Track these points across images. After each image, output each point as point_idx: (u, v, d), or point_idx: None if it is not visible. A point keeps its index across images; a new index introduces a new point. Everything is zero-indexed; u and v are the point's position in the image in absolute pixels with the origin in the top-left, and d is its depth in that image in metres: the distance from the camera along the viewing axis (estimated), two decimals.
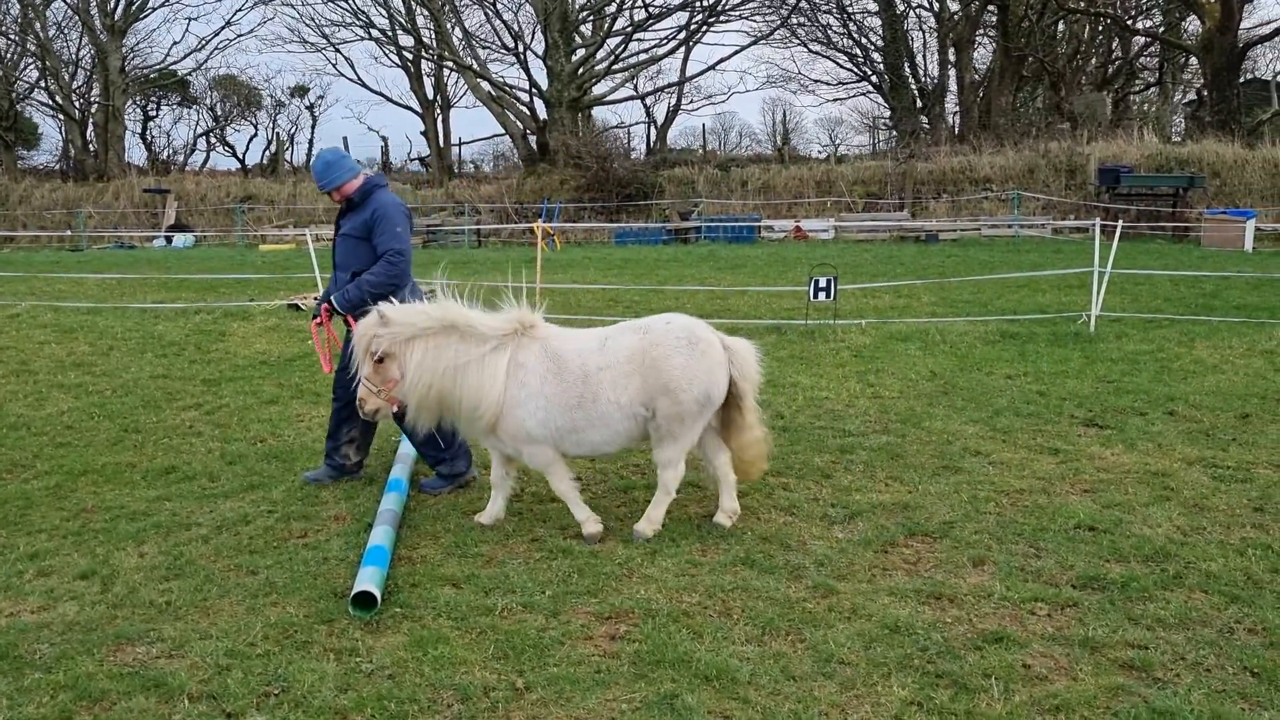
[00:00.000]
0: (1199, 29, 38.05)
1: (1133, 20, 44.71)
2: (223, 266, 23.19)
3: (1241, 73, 38.74)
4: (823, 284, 12.59)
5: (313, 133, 58.30)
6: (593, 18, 45.10)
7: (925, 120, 46.40)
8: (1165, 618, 4.73)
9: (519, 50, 46.55)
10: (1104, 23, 44.41)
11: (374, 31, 46.68)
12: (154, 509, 6.60)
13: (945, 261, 21.52)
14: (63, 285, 19.43)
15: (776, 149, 47.06)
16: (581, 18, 44.45)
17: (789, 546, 5.71)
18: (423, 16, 44.84)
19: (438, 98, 49.81)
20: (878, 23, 47.42)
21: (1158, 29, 44.64)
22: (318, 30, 48.06)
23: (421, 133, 49.67)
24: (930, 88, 48.29)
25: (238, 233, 35.46)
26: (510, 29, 46.68)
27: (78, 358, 11.88)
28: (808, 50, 49.92)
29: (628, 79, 47.03)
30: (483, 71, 44.17)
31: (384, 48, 48.59)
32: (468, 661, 4.45)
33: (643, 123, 55.55)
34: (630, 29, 44.86)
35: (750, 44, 47.33)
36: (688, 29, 45.03)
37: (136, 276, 20.57)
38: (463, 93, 50.34)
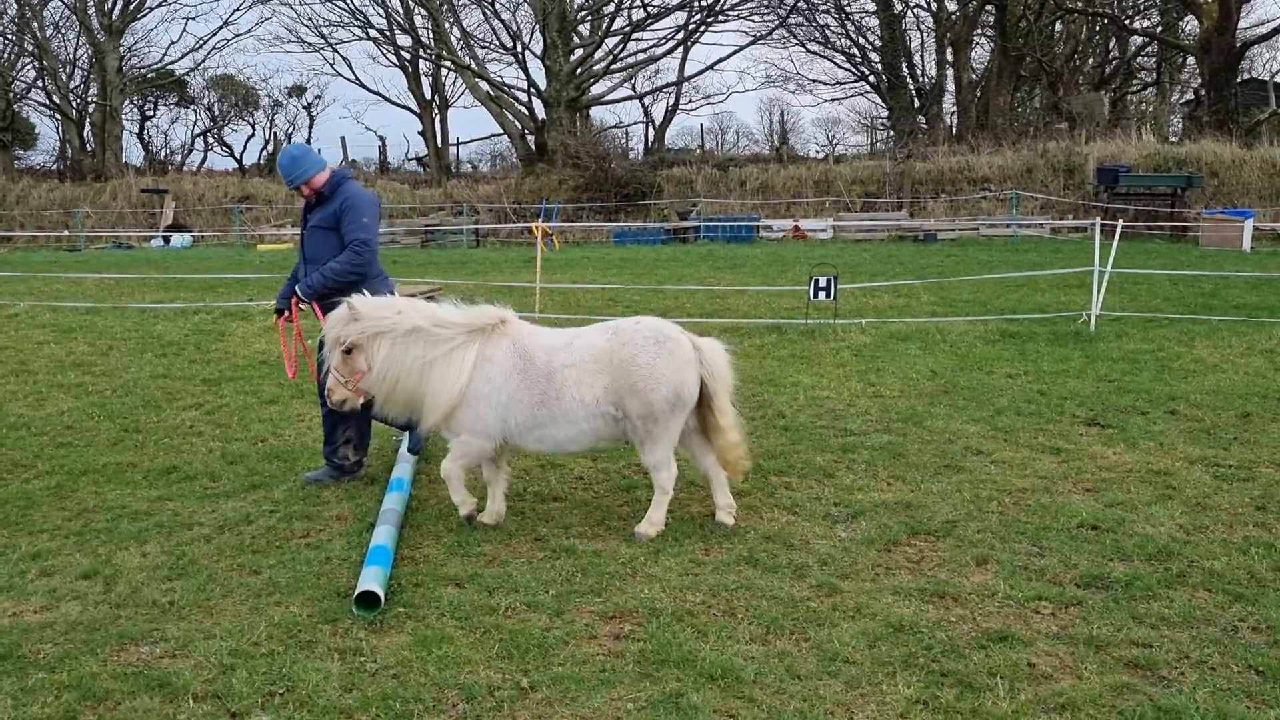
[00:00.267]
0: (1197, 29, 38.11)
1: (1130, 20, 44.76)
2: (221, 266, 23.17)
3: (1239, 73, 38.79)
4: (823, 283, 12.59)
5: (310, 132, 58.38)
6: (591, 17, 45.10)
7: (923, 120, 46.43)
8: (1169, 616, 4.74)
9: (517, 50, 46.60)
10: (1102, 22, 44.45)
11: (372, 31, 46.75)
12: (156, 509, 6.59)
13: (944, 261, 21.53)
14: (61, 285, 19.40)
15: (774, 149, 47.06)
16: (580, 17, 44.46)
17: (792, 546, 5.70)
18: (421, 16, 44.89)
19: (435, 97, 49.84)
20: (875, 22, 47.50)
21: (1155, 29, 44.71)
22: (315, 30, 47.97)
23: (419, 132, 49.77)
24: (928, 87, 48.31)
25: (235, 232, 35.44)
26: (508, 29, 46.74)
27: (77, 358, 11.86)
28: (805, 50, 50.03)
29: (626, 79, 47.09)
30: (481, 71, 44.18)
31: (382, 47, 48.66)
32: (472, 661, 4.45)
33: (641, 122, 55.72)
34: (628, 29, 44.89)
35: (748, 44, 47.37)
36: (686, 29, 45.09)
37: (135, 276, 20.55)
38: (461, 92, 50.45)
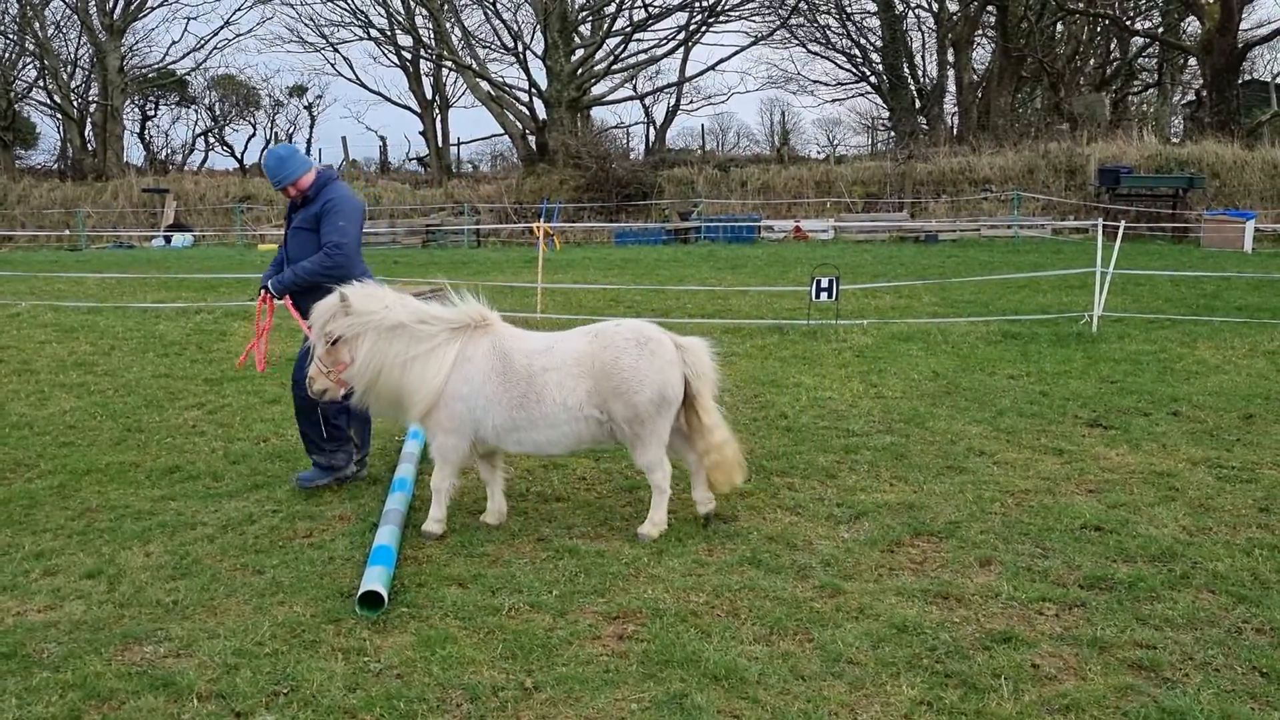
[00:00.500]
0: (1198, 30, 38.09)
1: (1132, 21, 44.75)
2: (222, 266, 23.16)
3: (1241, 74, 38.77)
4: (824, 284, 12.59)
5: (311, 132, 58.41)
6: (592, 18, 45.09)
7: (924, 121, 46.42)
8: (1173, 618, 4.74)
9: (518, 50, 46.56)
10: (1103, 23, 44.43)
11: (373, 31, 46.72)
12: (159, 508, 6.59)
13: (945, 262, 21.53)
14: (62, 285, 19.41)
15: (776, 150, 47.05)
16: (581, 18, 44.45)
17: (795, 546, 5.71)
18: (422, 16, 44.87)
19: (436, 97, 49.82)
20: (877, 23, 47.49)
21: (1157, 30, 44.69)
22: (316, 30, 47.95)
23: (420, 133, 49.72)
24: (929, 88, 48.31)
25: (237, 232, 35.44)
26: (509, 29, 46.71)
27: (79, 357, 11.86)
28: (806, 51, 50.04)
29: (627, 79, 47.06)
30: (482, 71, 44.17)
31: (383, 47, 48.64)
32: (476, 661, 4.45)
33: (642, 123, 55.60)
34: (629, 29, 44.86)
35: (749, 44, 47.37)
36: (687, 29, 45.06)
37: (136, 276, 20.55)
38: (462, 92, 50.45)
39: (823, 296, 12.64)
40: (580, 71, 43.24)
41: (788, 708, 4.06)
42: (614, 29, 44.77)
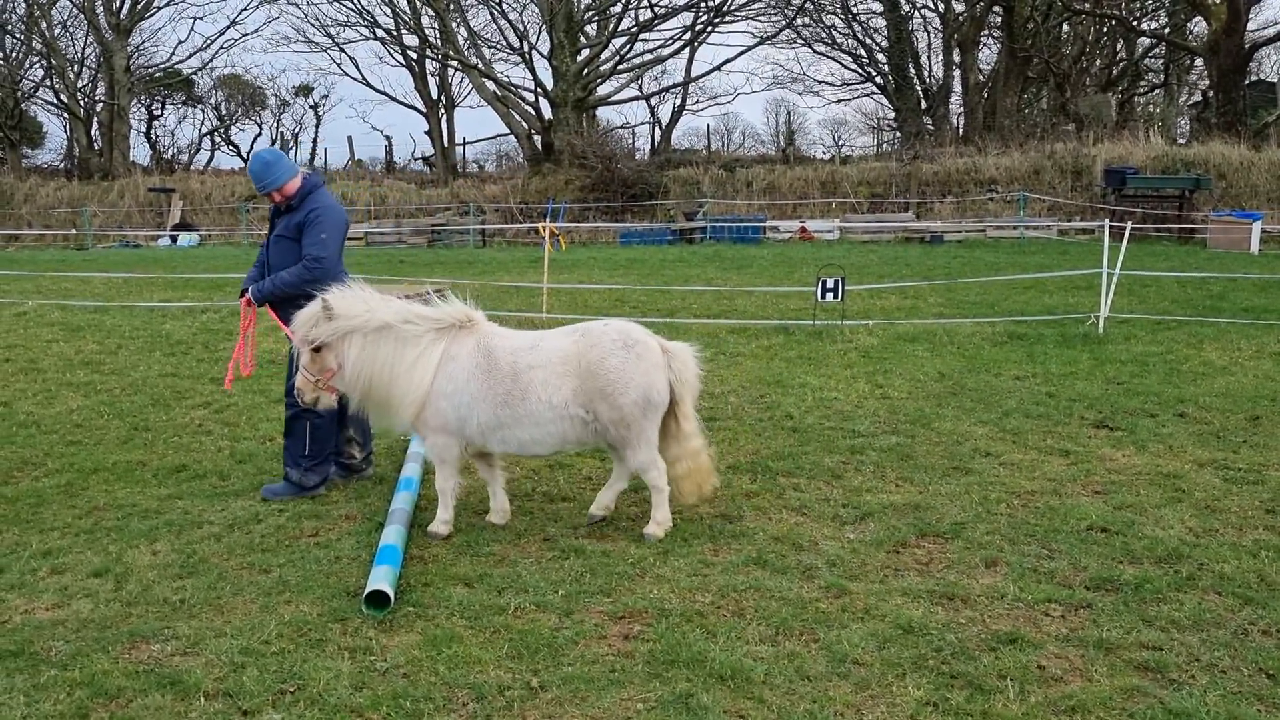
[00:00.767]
0: (1205, 30, 38.00)
1: (1138, 21, 44.66)
2: (228, 265, 23.19)
3: (1248, 74, 38.70)
4: (830, 285, 12.59)
5: (317, 132, 58.46)
6: (598, 18, 45.07)
7: (930, 121, 46.37)
8: (1179, 619, 4.73)
9: (524, 50, 46.53)
10: (1109, 24, 44.35)
11: (379, 31, 46.71)
12: (165, 507, 6.61)
13: (951, 263, 21.51)
14: (69, 284, 19.45)
15: (781, 150, 47.02)
16: (587, 18, 44.44)
17: (801, 547, 5.71)
18: (428, 16, 44.85)
19: (442, 97, 49.82)
20: (883, 23, 47.40)
21: (1163, 30, 44.57)
22: (323, 30, 47.96)
23: (426, 132, 49.70)
24: (935, 88, 48.26)
25: (242, 231, 35.48)
26: (515, 29, 46.68)
27: (86, 356, 11.89)
28: (812, 51, 49.91)
29: (633, 79, 47.00)
30: (488, 71, 44.18)
31: (389, 47, 48.62)
32: (482, 660, 4.46)
33: (647, 123, 55.66)
34: (635, 29, 44.84)
35: (755, 45, 47.43)
36: (693, 29, 45.02)
37: (142, 275, 20.59)
38: (467, 92, 50.40)
39: (828, 297, 12.64)
40: (586, 71, 43.24)
41: (793, 708, 4.06)
42: (620, 29, 44.77)
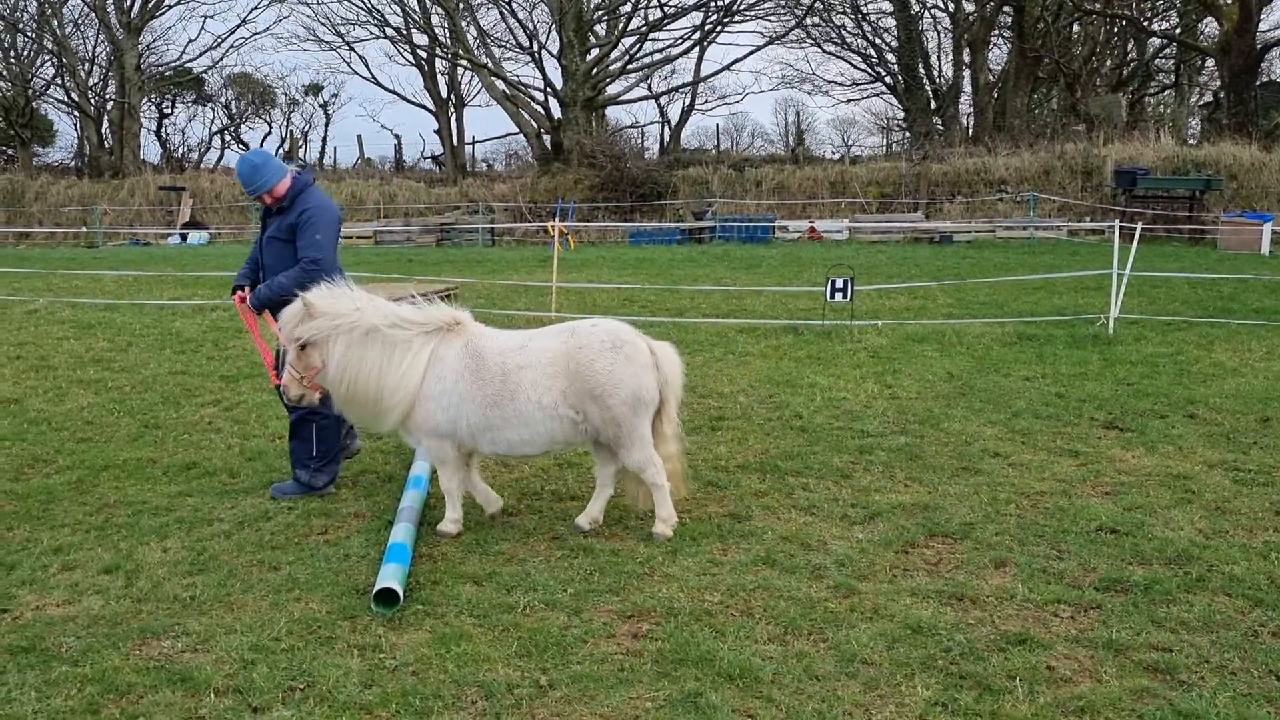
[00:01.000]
0: (1216, 31, 37.87)
1: (1149, 22, 44.51)
2: (237, 263, 23.09)
3: (1259, 75, 38.55)
4: (839, 285, 12.57)
5: (326, 130, 58.83)
6: (607, 17, 45.11)
7: (939, 121, 46.28)
8: (1189, 620, 4.72)
9: (534, 49, 46.63)
10: (1120, 24, 44.22)
11: (389, 30, 46.84)
12: (176, 504, 6.64)
13: (960, 263, 21.47)
14: (79, 282, 19.51)
15: (790, 150, 46.98)
16: (596, 17, 44.47)
17: (809, 546, 5.71)
18: (438, 15, 44.95)
19: (452, 96, 49.91)
20: (892, 23, 47.36)
21: (1175, 30, 44.45)
22: (332, 28, 48.11)
23: (435, 131, 49.78)
24: (945, 88, 48.15)
25: (252, 230, 35.57)
26: (525, 28, 46.78)
27: (96, 354, 11.93)
28: (822, 51, 49.91)
29: (642, 79, 47.03)
30: (497, 70, 44.24)
31: (398, 46, 48.75)
32: (491, 659, 4.47)
33: (656, 122, 55.63)
34: (645, 29, 44.87)
35: (765, 44, 47.25)
36: (702, 29, 45.04)
37: (153, 273, 20.65)
38: (477, 91, 50.54)
39: (838, 297, 12.63)
40: (595, 71, 43.26)
41: (802, 707, 4.06)
42: (629, 28, 44.83)
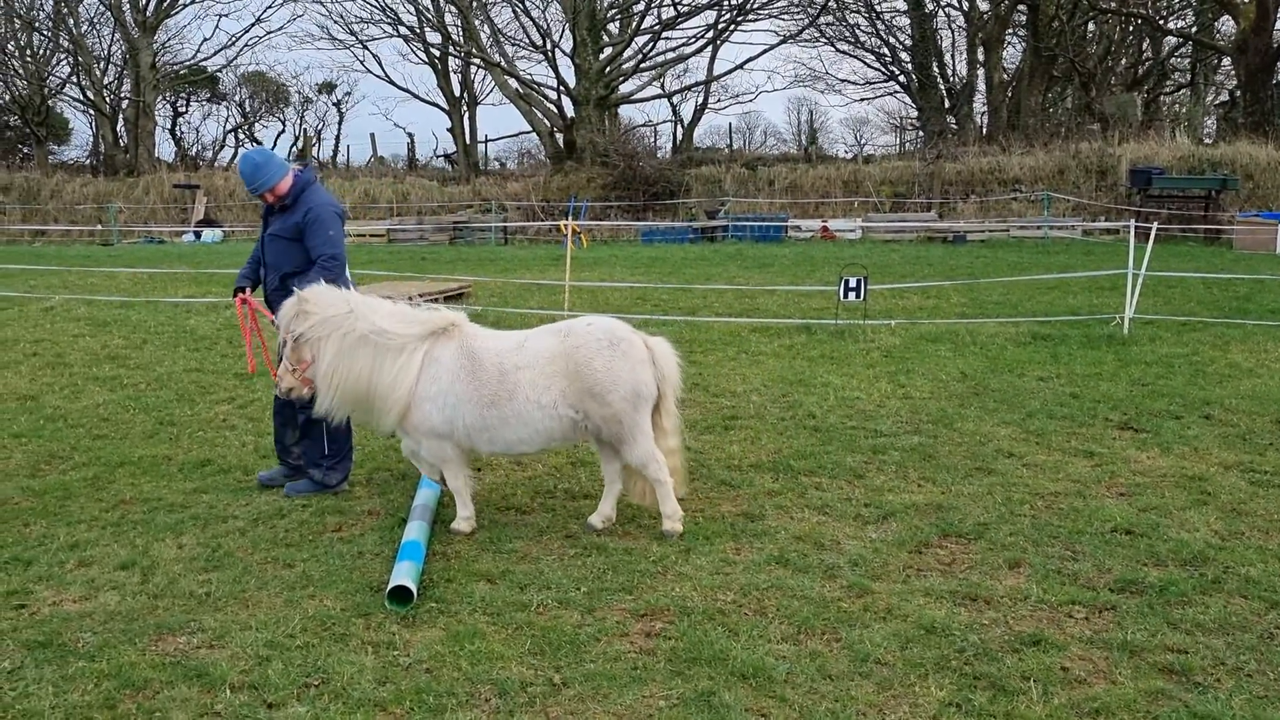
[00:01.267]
0: (1233, 29, 37.65)
1: (1165, 20, 44.29)
2: None
3: (1276, 74, 38.26)
4: (853, 284, 12.55)
5: (339, 129, 58.88)
6: (621, 16, 45.09)
7: (953, 120, 46.13)
8: (1205, 622, 4.70)
9: (547, 48, 46.62)
10: (1136, 23, 44.01)
11: (402, 28, 46.88)
12: (191, 501, 6.67)
13: (974, 262, 21.40)
14: (95, 279, 19.60)
15: (803, 149, 46.90)
16: (609, 16, 44.46)
17: (823, 546, 5.70)
18: (451, 13, 45.00)
19: (465, 94, 49.93)
20: (906, 22, 47.23)
21: (1190, 29, 44.22)
22: (346, 27, 48.20)
23: (448, 129, 49.81)
24: (959, 87, 47.99)
25: None
26: (538, 26, 46.75)
27: (112, 351, 11.99)
28: (835, 49, 49.75)
29: (655, 77, 47.00)
30: (510, 69, 44.28)
31: (412, 44, 48.78)
32: (504, 657, 4.48)
33: (669, 121, 55.56)
34: (658, 27, 44.81)
35: (778, 43, 47.24)
36: (715, 28, 44.98)
37: (167, 271, 20.73)
38: (490, 90, 50.52)
39: (851, 296, 12.60)
40: (608, 69, 43.26)
41: (815, 707, 4.06)
42: (642, 27, 44.76)
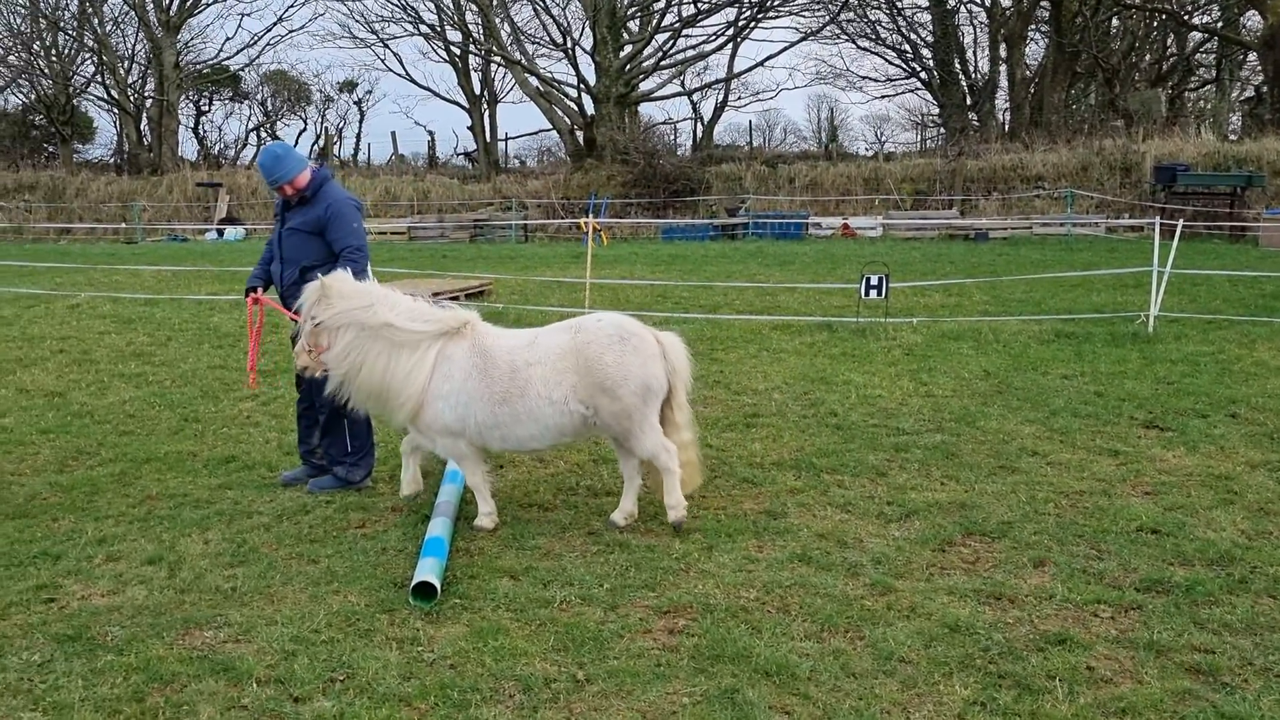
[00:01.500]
0: (1259, 24, 37.29)
1: (1190, 15, 43.87)
2: None
3: None
4: (874, 282, 12.52)
5: (360, 127, 59.18)
6: (641, 13, 45.07)
7: (975, 117, 45.90)
8: (1232, 622, 4.67)
9: (567, 45, 46.72)
10: (1160, 18, 43.65)
11: (423, 27, 47.04)
12: (216, 497, 6.72)
13: (996, 260, 21.30)
14: (120, 277, 19.78)
15: (824, 146, 46.78)
16: (630, 13, 44.45)
17: (846, 544, 5.69)
18: (471, 11, 45.11)
19: (485, 93, 50.13)
20: (928, 18, 47.02)
21: (1216, 24, 43.80)
22: (367, 25, 48.47)
23: (469, 128, 50.01)
24: (981, 84, 47.76)
25: None
26: (558, 24, 46.89)
27: (137, 348, 12.09)
28: (856, 47, 49.63)
29: (675, 75, 46.98)
30: (531, 67, 44.33)
31: (432, 43, 48.99)
32: (528, 653, 4.49)
33: (689, 119, 55.58)
34: (678, 25, 44.78)
35: (799, 40, 47.03)
36: (736, 25, 44.91)
37: (191, 269, 20.90)
38: (510, 88, 50.68)
39: (872, 294, 12.57)
40: (629, 67, 43.26)
41: (839, 705, 4.06)
42: (663, 24, 44.75)
